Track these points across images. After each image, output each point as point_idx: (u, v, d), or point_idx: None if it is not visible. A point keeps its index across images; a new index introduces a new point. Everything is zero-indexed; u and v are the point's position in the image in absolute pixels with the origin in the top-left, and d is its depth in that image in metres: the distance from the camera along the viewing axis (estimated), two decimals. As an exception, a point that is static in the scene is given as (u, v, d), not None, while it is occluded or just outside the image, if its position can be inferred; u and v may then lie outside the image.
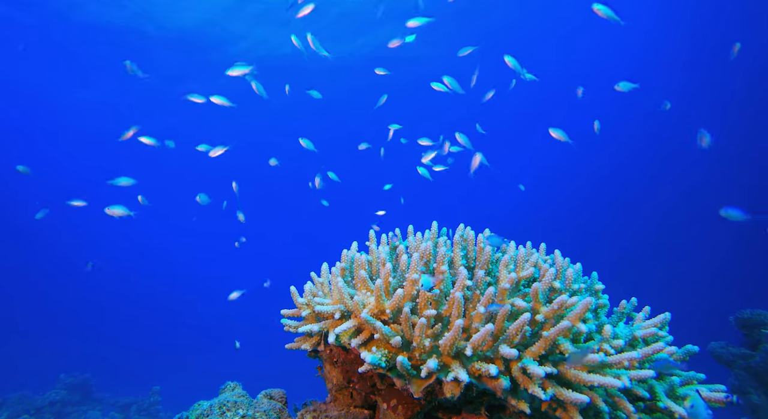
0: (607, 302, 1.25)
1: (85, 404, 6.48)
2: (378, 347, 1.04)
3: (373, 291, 1.15)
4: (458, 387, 0.96)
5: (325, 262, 1.37)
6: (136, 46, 10.17)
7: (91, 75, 11.42)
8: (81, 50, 10.34)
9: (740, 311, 3.42)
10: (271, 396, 1.46)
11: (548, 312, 1.01)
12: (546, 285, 1.08)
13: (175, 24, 9.68)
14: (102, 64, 10.86)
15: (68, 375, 6.65)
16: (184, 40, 10.23)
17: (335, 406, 1.29)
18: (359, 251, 1.36)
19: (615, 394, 0.98)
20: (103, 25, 9.55)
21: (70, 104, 12.90)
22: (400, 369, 0.97)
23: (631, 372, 0.96)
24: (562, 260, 1.26)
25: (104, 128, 13.67)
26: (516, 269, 1.19)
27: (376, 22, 9.54)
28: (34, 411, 5.79)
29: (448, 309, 1.08)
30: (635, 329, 1.17)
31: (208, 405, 1.35)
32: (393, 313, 1.09)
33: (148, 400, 6.89)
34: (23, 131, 14.56)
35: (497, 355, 0.97)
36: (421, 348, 1.01)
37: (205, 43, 10.34)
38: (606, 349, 1.01)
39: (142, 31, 9.82)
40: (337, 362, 1.28)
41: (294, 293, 1.32)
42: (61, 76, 11.49)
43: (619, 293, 1.34)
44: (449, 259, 1.24)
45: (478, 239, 1.31)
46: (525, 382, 0.94)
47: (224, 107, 3.57)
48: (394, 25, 9.61)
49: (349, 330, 1.10)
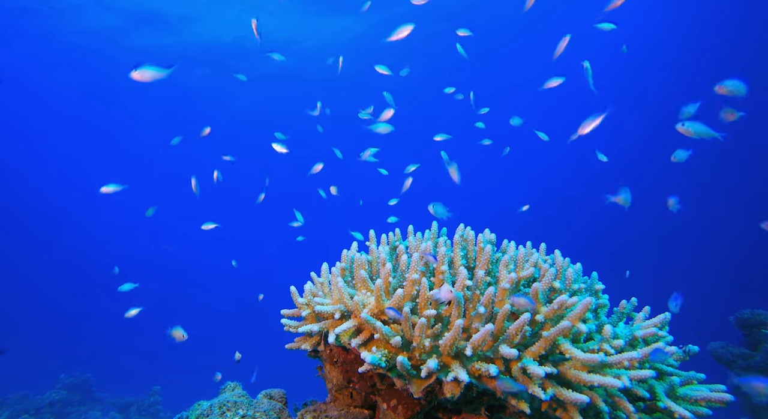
0: (607, 302, 1.25)
1: (85, 404, 6.48)
2: (378, 347, 1.04)
3: (373, 291, 1.15)
4: (458, 387, 0.96)
5: (325, 262, 1.37)
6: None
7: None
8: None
9: (740, 311, 3.43)
10: (271, 396, 1.46)
11: (548, 312, 1.01)
12: (546, 285, 1.08)
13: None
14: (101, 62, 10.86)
15: (68, 375, 6.64)
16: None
17: (335, 406, 1.29)
18: (359, 251, 1.36)
19: (615, 394, 0.98)
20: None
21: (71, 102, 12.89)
22: (400, 369, 0.97)
23: (631, 372, 0.96)
24: (562, 260, 1.26)
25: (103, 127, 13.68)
26: (516, 269, 1.19)
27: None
28: (34, 411, 5.78)
29: (448, 309, 1.08)
30: (635, 329, 1.17)
31: (208, 405, 1.35)
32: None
33: (148, 400, 6.89)
34: (23, 130, 14.55)
35: (497, 355, 0.97)
36: (421, 348, 1.01)
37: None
38: (606, 349, 1.01)
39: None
40: (337, 362, 1.28)
41: (294, 293, 1.32)
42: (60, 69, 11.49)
43: (619, 293, 1.34)
44: (449, 259, 1.24)
45: (478, 239, 1.31)
46: (525, 382, 0.94)
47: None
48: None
49: (349, 330, 1.10)
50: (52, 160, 16.42)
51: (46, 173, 17.29)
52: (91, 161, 16.07)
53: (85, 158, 16.13)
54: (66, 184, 17.87)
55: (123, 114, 13.87)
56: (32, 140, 15.23)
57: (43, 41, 9.95)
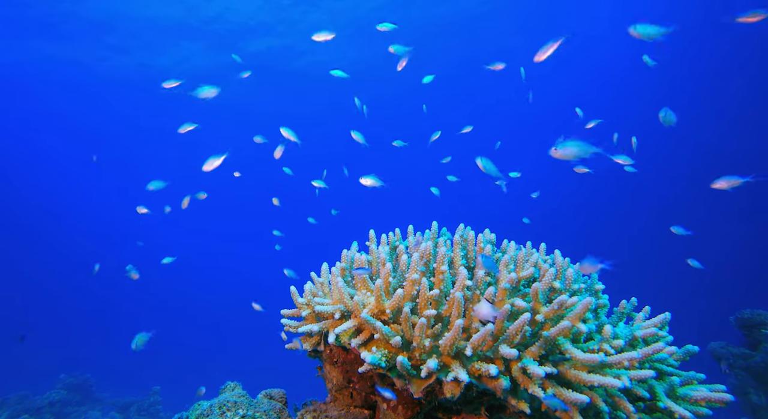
0: (607, 302, 1.25)
1: (85, 404, 6.47)
2: (378, 347, 1.04)
3: (373, 291, 1.15)
4: (458, 387, 0.96)
5: (325, 262, 1.37)
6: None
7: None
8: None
9: (740, 311, 3.43)
10: (271, 396, 1.46)
11: (548, 312, 1.01)
12: (546, 285, 1.08)
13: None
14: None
15: (68, 375, 6.64)
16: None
17: (335, 406, 1.29)
18: (359, 251, 1.36)
19: (615, 394, 0.98)
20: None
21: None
22: (400, 369, 0.97)
23: (631, 372, 0.96)
24: (562, 260, 1.26)
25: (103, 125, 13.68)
26: (516, 269, 1.19)
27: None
28: (34, 411, 5.78)
29: (448, 309, 1.08)
30: (635, 329, 1.17)
31: (208, 405, 1.35)
32: (393, 313, 1.09)
33: (148, 400, 6.89)
34: (23, 130, 14.55)
35: (497, 355, 0.97)
36: (421, 348, 1.01)
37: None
38: (606, 349, 1.01)
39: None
40: (337, 362, 1.28)
41: (294, 293, 1.32)
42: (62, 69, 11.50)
43: (619, 293, 1.34)
44: (449, 259, 1.24)
45: (478, 239, 1.31)
46: (525, 382, 0.94)
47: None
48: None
49: (349, 330, 1.10)
50: (53, 160, 16.42)
51: (46, 173, 17.30)
52: (92, 159, 16.05)
53: (87, 157, 16.11)
54: (67, 184, 17.88)
55: (124, 114, 13.88)
56: (32, 139, 15.23)
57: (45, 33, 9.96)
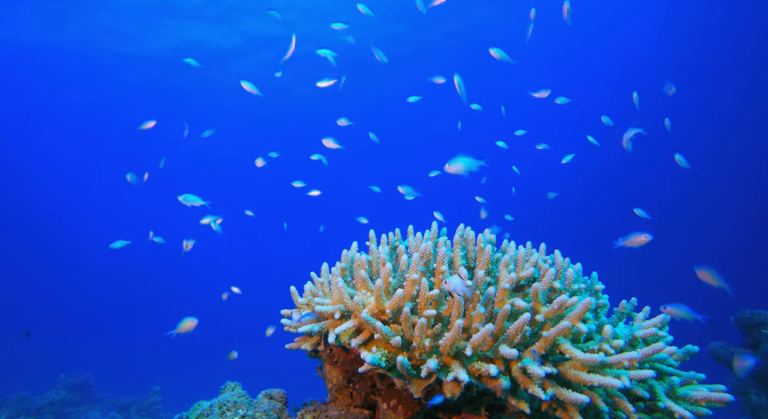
0: (607, 302, 1.25)
1: (85, 404, 6.47)
2: (378, 347, 1.04)
3: (373, 291, 1.15)
4: (458, 387, 0.96)
5: (325, 262, 1.37)
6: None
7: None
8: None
9: (740, 311, 3.42)
10: (271, 396, 1.46)
11: (548, 312, 1.01)
12: (546, 285, 1.08)
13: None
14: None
15: (68, 375, 6.64)
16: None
17: (335, 406, 1.29)
18: (359, 251, 1.36)
19: (615, 394, 0.98)
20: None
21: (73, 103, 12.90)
22: (400, 369, 0.97)
23: (631, 372, 0.96)
24: (562, 260, 1.26)
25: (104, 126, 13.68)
26: (516, 269, 1.19)
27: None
28: (34, 411, 5.78)
29: (448, 309, 1.08)
30: (635, 329, 1.17)
31: (208, 405, 1.35)
32: (393, 313, 1.09)
33: (148, 400, 6.88)
34: (22, 130, 14.55)
35: (497, 355, 0.97)
36: (421, 348, 1.01)
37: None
38: (606, 349, 1.01)
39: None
40: (337, 362, 1.28)
41: (294, 293, 1.32)
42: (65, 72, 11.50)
43: (619, 293, 1.34)
44: (449, 259, 1.24)
45: (478, 239, 1.31)
46: (525, 382, 0.94)
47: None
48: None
49: (349, 330, 1.10)
50: (52, 159, 16.42)
51: (46, 173, 17.29)
52: (93, 159, 16.06)
53: (87, 157, 16.12)
54: (68, 183, 17.87)
55: (123, 114, 13.88)
56: (31, 138, 15.23)
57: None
